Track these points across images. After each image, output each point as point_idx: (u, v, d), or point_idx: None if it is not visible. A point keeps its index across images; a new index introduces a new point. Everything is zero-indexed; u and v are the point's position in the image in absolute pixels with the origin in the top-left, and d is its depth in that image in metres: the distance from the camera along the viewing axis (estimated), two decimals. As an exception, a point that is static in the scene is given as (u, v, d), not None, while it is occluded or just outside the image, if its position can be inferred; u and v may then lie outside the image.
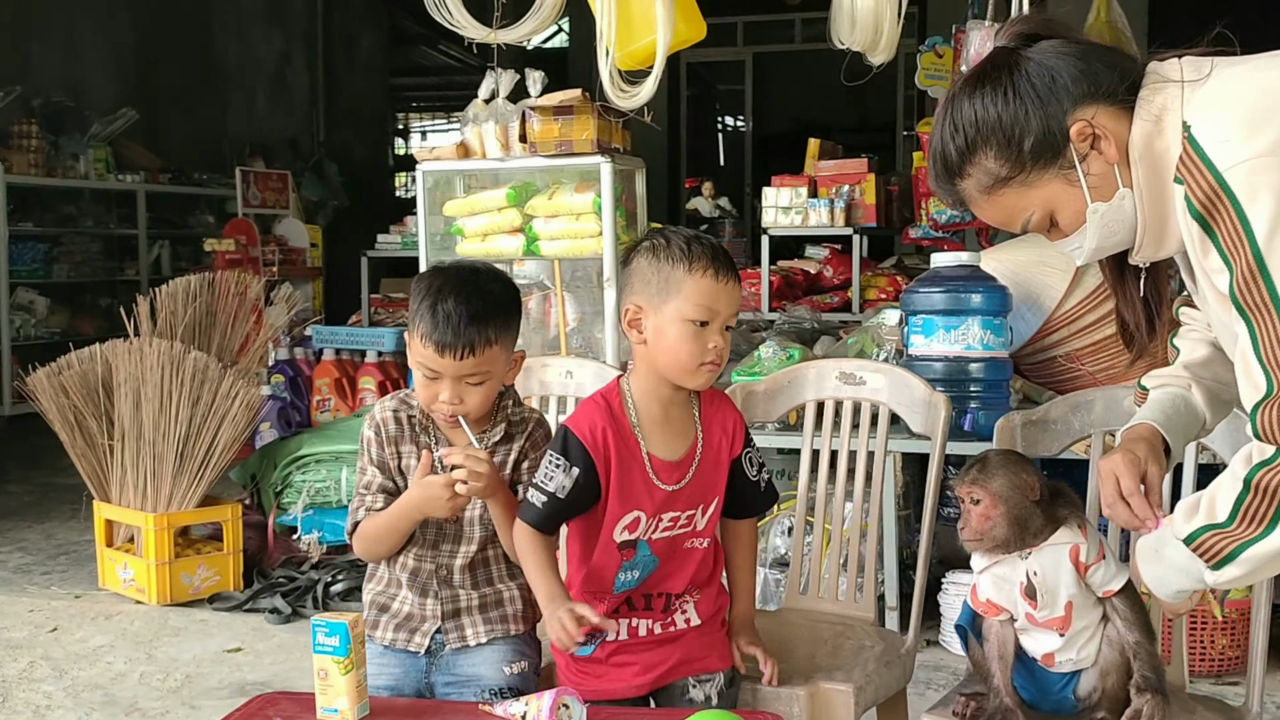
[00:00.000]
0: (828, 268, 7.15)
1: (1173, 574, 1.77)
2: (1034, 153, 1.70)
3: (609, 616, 2.11)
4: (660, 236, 2.15)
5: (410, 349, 2.31)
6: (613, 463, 2.13)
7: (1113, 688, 2.07)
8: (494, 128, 4.35)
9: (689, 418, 2.21)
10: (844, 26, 3.79)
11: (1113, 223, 1.71)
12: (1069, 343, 4.01)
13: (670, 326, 2.09)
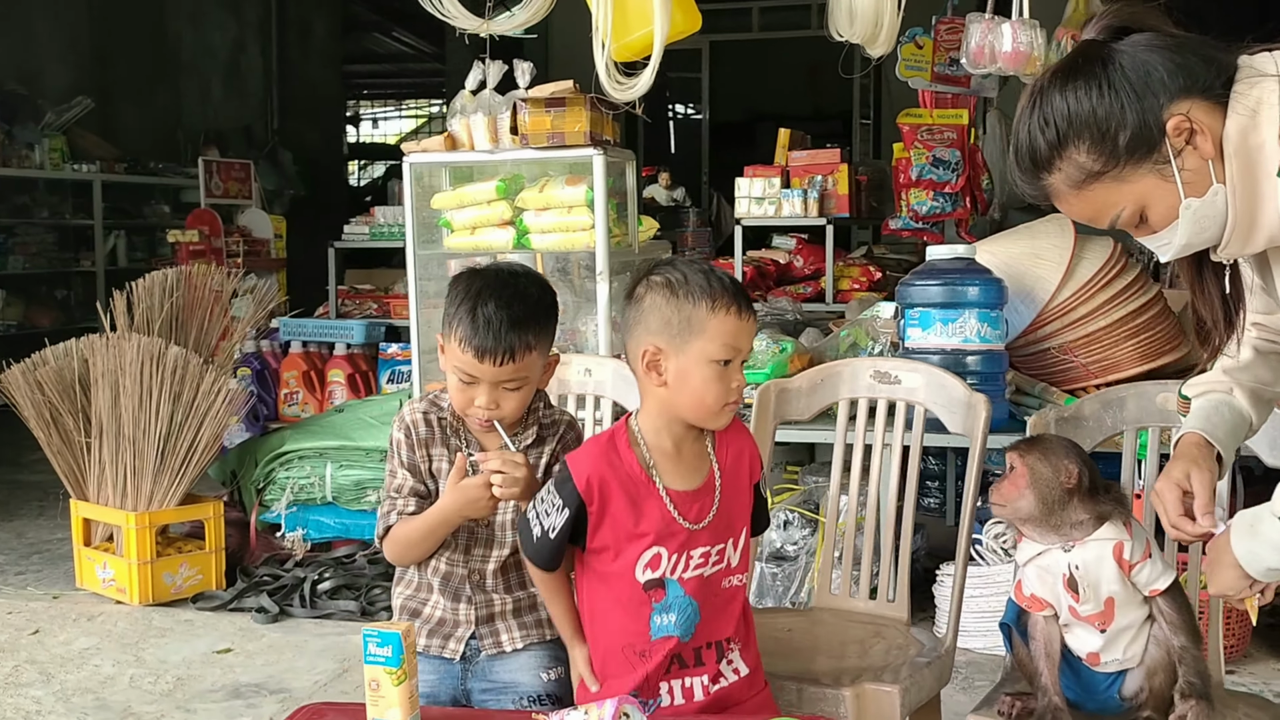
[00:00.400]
0: (797, 257, 7.15)
1: (1268, 550, 1.76)
2: (1129, 147, 1.68)
3: (660, 679, 2.03)
4: (674, 271, 2.02)
5: (445, 353, 2.27)
6: (616, 505, 2.02)
7: (1160, 688, 2.08)
8: (483, 119, 4.30)
9: (702, 451, 2.09)
10: (843, 19, 3.78)
11: (1204, 219, 1.69)
12: (1062, 335, 4.03)
13: (695, 369, 1.98)
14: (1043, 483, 2.05)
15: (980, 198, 5.51)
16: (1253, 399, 1.96)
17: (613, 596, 2.03)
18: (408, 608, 2.37)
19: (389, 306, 7.26)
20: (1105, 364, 4.01)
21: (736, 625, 2.09)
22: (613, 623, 2.04)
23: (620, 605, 2.03)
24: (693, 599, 2.03)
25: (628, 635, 2.02)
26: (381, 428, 4.76)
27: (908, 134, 5.43)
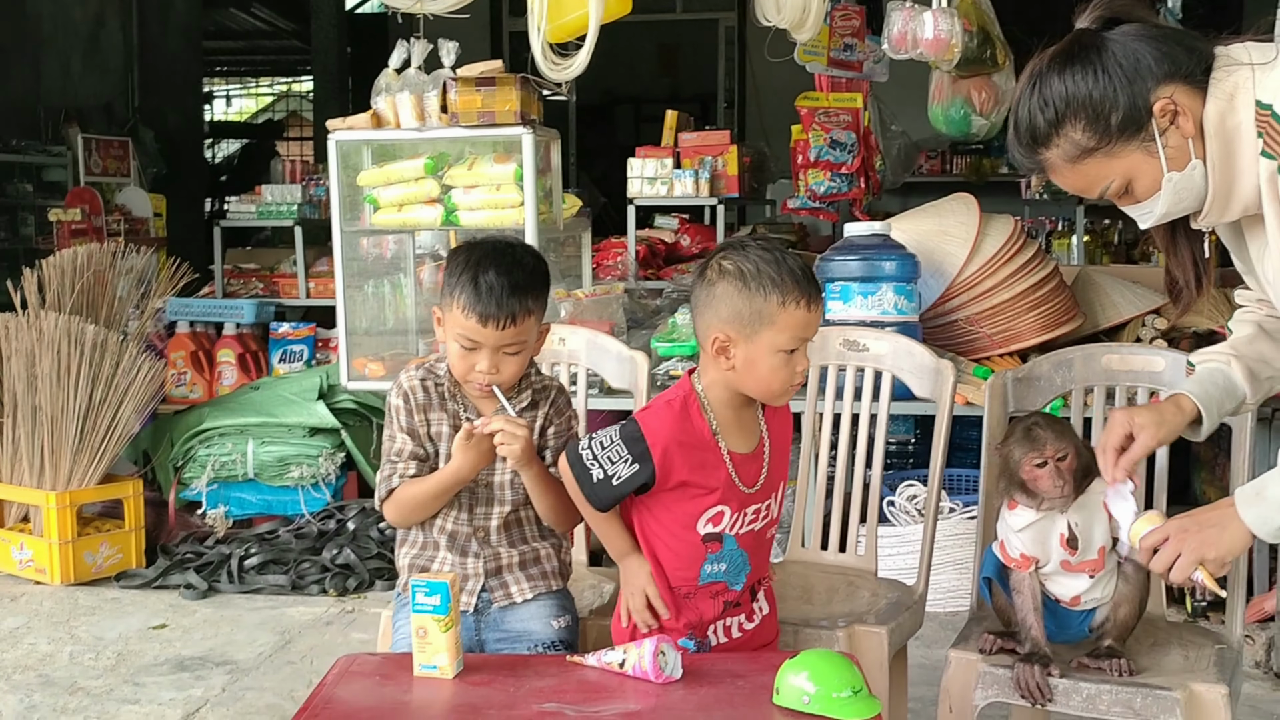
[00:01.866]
0: (684, 236, 7.33)
1: (1274, 512, 1.94)
2: (1120, 126, 1.87)
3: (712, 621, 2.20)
4: (747, 260, 2.09)
5: (445, 323, 2.37)
6: (678, 467, 2.13)
7: (1124, 618, 2.30)
8: (409, 97, 4.35)
9: (755, 417, 2.23)
10: (770, 6, 3.94)
11: (1183, 190, 1.90)
12: (969, 307, 4.27)
13: (763, 358, 2.08)
14: (1084, 454, 2.22)
15: (874, 178, 5.76)
16: (1248, 374, 2.14)
17: (669, 542, 2.18)
18: (416, 565, 2.46)
19: (277, 285, 7.21)
20: (1008, 334, 4.27)
21: (768, 565, 2.30)
22: (664, 564, 2.18)
23: (675, 552, 2.17)
24: (745, 551, 2.21)
25: (676, 578, 2.17)
26: (303, 404, 4.79)
27: (806, 116, 5.64)
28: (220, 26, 13.53)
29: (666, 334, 4.36)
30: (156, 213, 7.89)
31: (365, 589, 4.38)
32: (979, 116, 5.21)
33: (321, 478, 4.75)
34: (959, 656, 2.35)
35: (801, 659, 1.89)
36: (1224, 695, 2.18)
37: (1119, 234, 7.31)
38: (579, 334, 2.96)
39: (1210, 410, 2.12)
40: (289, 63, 15.45)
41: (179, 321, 6.86)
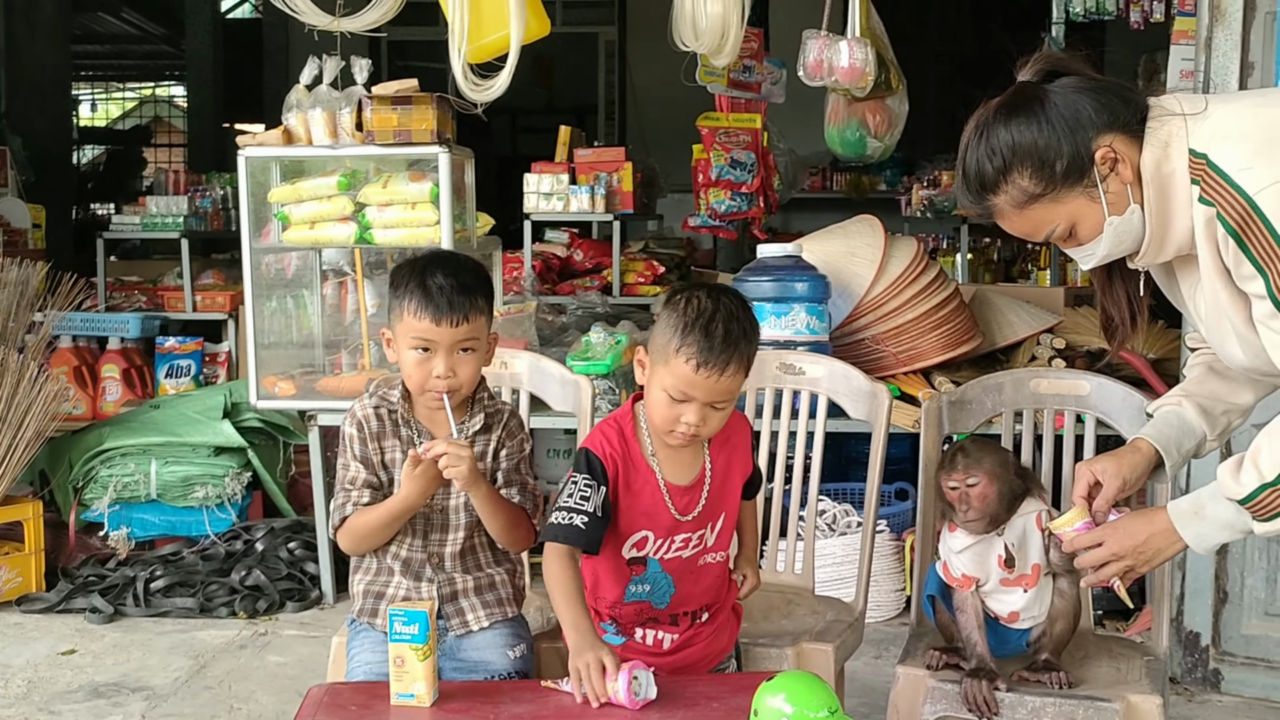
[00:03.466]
0: (577, 251, 7.38)
1: (1215, 529, 2.07)
2: (1065, 174, 1.99)
3: (633, 626, 2.30)
4: (691, 300, 2.17)
5: (397, 334, 2.40)
6: (621, 484, 2.23)
7: (1060, 632, 2.42)
8: (321, 114, 4.31)
9: (698, 447, 2.28)
10: (687, 30, 4.01)
11: (1123, 233, 2.02)
12: (874, 326, 4.39)
13: (654, 389, 2.18)
14: (1002, 480, 2.32)
15: (773, 197, 5.88)
16: (1200, 412, 2.26)
17: (596, 563, 2.28)
18: (372, 591, 2.47)
19: (161, 299, 7.06)
20: (912, 353, 4.40)
21: (715, 594, 2.34)
22: (590, 582, 2.29)
23: (603, 571, 2.28)
24: (669, 575, 2.28)
25: (601, 594, 2.30)
26: (207, 423, 4.71)
27: (707, 136, 5.73)
28: (88, 30, 13.15)
29: (581, 352, 4.39)
30: (35, 223, 7.64)
31: (276, 610, 4.33)
32: (874, 139, 5.36)
33: (227, 498, 4.67)
34: (907, 672, 2.44)
35: (778, 681, 1.95)
36: (1158, 705, 2.31)
37: (998, 252, 7.56)
38: (522, 357, 2.99)
39: (1169, 449, 2.23)
40: (158, 68, 15.08)
41: (61, 336, 6.68)
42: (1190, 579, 3.60)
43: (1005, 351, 4.60)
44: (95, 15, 12.70)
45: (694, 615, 2.33)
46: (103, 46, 14.12)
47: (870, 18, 5.39)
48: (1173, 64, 4.07)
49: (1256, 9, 3.49)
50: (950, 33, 9.79)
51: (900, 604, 4.27)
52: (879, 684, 3.57)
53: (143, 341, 6.82)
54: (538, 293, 6.66)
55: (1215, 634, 3.63)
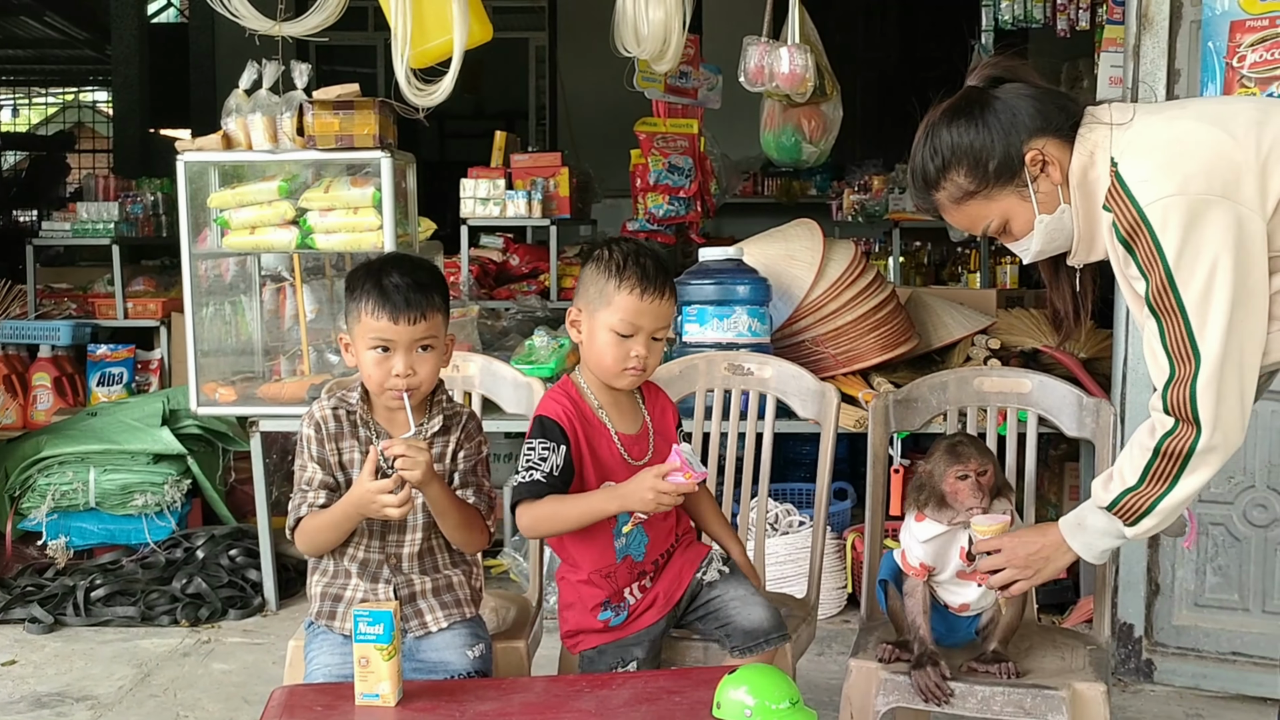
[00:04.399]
0: (513, 256, 7.39)
1: (1096, 537, 2.23)
2: (996, 173, 2.13)
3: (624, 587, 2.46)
4: (607, 247, 2.41)
5: (355, 337, 2.41)
6: (583, 442, 2.41)
7: (1009, 620, 2.49)
8: (261, 119, 4.29)
9: (634, 401, 2.52)
10: (629, 36, 4.04)
11: (1054, 231, 2.16)
12: (814, 329, 4.45)
13: (599, 333, 2.38)
14: (998, 470, 2.44)
15: (710, 201, 5.94)
16: None
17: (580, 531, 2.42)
18: (329, 594, 2.48)
19: (92, 306, 6.96)
20: (851, 354, 4.46)
21: (672, 526, 2.55)
22: (584, 550, 2.45)
23: (589, 538, 2.43)
24: (639, 525, 2.45)
25: (597, 561, 2.43)
26: (146, 430, 4.66)
27: (645, 141, 5.78)
28: (9, 35, 12.92)
29: (525, 356, 4.41)
30: (-43, 230, 7.51)
31: (219, 618, 4.30)
32: (809, 144, 5.43)
33: (166, 505, 4.63)
34: (859, 665, 2.49)
35: (740, 674, 2.00)
36: (1103, 692, 2.38)
37: (929, 255, 7.68)
38: (474, 360, 3.01)
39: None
40: (82, 73, 14.84)
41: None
42: (1124, 572, 3.70)
43: (941, 352, 4.69)
44: (17, 19, 12.47)
45: (668, 553, 2.53)
46: (25, 51, 13.86)
47: (806, 25, 5.47)
48: (1102, 71, 4.19)
49: (1183, 18, 3.59)
50: (879, 41, 9.93)
51: (842, 601, 4.33)
52: (823, 680, 3.64)
53: (74, 349, 6.72)
54: (476, 297, 6.67)
55: (1148, 625, 3.73)
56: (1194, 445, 2.04)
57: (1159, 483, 2.11)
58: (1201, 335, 1.99)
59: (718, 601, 2.52)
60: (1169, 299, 2.01)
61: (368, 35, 10.91)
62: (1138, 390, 3.67)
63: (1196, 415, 2.02)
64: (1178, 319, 2.01)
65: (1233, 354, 1.99)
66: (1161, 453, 2.09)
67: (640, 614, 2.47)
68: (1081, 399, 2.73)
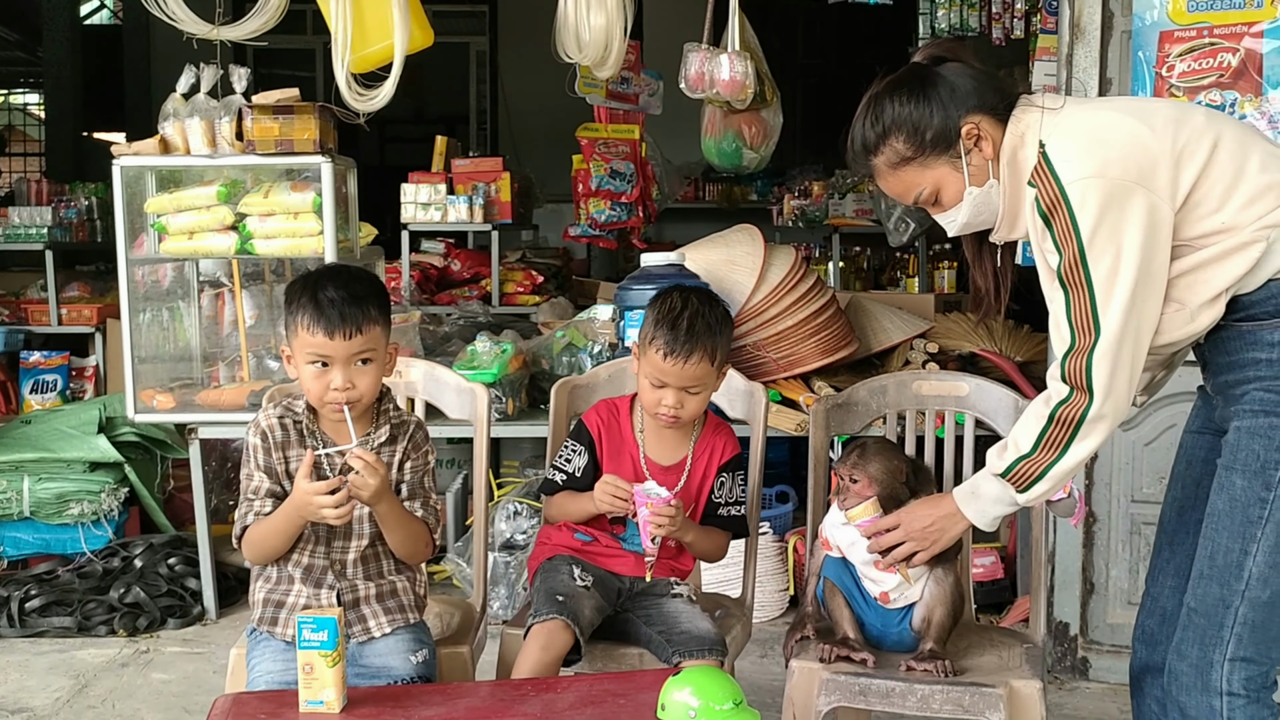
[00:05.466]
0: (454, 261, 7.38)
1: (989, 505, 2.32)
2: (932, 142, 2.22)
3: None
4: (666, 296, 2.61)
5: (294, 350, 2.40)
6: (606, 452, 2.63)
7: (940, 619, 2.53)
8: (199, 123, 4.26)
9: (683, 434, 2.68)
10: (570, 42, 4.06)
11: (981, 204, 2.26)
12: (755, 333, 4.49)
13: (641, 375, 2.61)
14: (884, 486, 2.50)
15: (652, 206, 5.96)
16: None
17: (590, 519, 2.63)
18: (272, 600, 2.46)
19: (25, 312, 6.88)
20: (792, 359, 4.50)
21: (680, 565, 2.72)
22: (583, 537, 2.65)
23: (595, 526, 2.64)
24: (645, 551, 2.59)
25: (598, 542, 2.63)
26: (82, 438, 4.60)
27: (586, 147, 5.78)
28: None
29: (467, 361, 4.40)
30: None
31: (157, 628, 4.25)
32: (750, 150, 5.46)
33: (103, 514, 4.57)
34: (801, 666, 2.52)
35: (684, 676, 2.02)
36: (1038, 689, 2.43)
37: (868, 260, 7.75)
38: (417, 366, 3.01)
39: None
40: (12, 75, 14.60)
41: (-82, 351, 6.47)
42: (1059, 572, 3.76)
43: (880, 356, 4.74)
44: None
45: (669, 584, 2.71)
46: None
47: (746, 32, 5.51)
48: (1036, 79, 4.27)
49: (1114, 28, 3.67)
50: (818, 48, 10.02)
51: (784, 604, 4.37)
52: (765, 682, 3.67)
53: (5, 356, 6.64)
54: (417, 303, 6.66)
55: (1083, 624, 3.80)
56: (1085, 412, 2.15)
57: (1051, 450, 2.21)
58: (1105, 310, 2.10)
59: (670, 608, 2.60)
60: (1079, 274, 2.12)
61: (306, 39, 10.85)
62: (1072, 393, 3.73)
63: (1090, 384, 2.13)
64: (1084, 293, 2.12)
65: (1130, 330, 2.11)
66: (1055, 419, 2.20)
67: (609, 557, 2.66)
68: (1017, 402, 2.77)
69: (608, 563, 2.66)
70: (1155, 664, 2.36)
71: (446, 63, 12.09)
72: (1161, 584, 2.41)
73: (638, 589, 2.65)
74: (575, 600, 2.51)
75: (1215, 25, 3.54)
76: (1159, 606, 2.40)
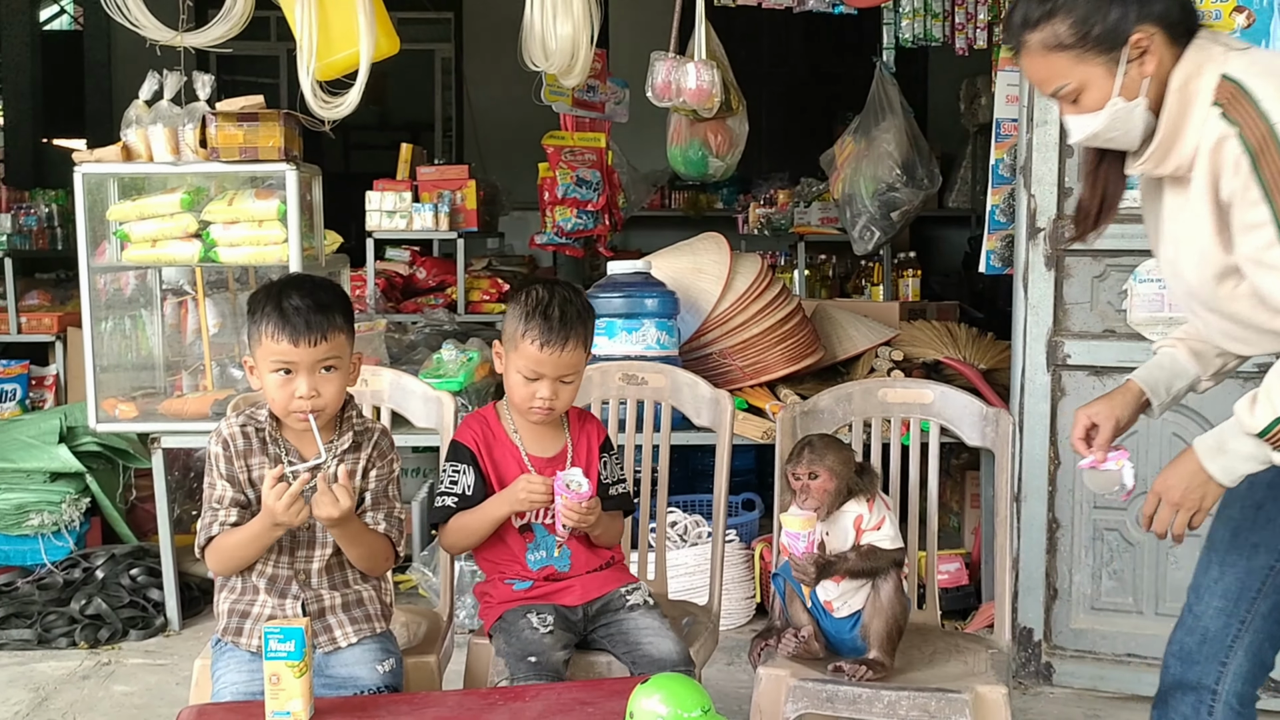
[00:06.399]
0: (420, 269, 7.35)
1: (1239, 461, 2.15)
2: (1097, 39, 2.10)
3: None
4: (525, 291, 2.56)
5: (258, 360, 2.39)
6: (489, 462, 2.57)
7: (878, 629, 2.54)
8: (163, 130, 4.23)
9: (555, 426, 2.66)
10: (536, 50, 4.05)
11: (1120, 120, 2.14)
12: (722, 341, 4.51)
13: (511, 372, 2.56)
14: (842, 476, 2.51)
15: (618, 215, 5.96)
16: (1193, 355, 2.38)
17: (499, 541, 2.60)
18: (237, 610, 2.45)
19: (-26, 322, 6.80)
20: (758, 366, 4.52)
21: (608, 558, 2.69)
22: (499, 560, 2.61)
23: (503, 545, 2.60)
24: (556, 537, 2.59)
25: (512, 571, 2.57)
26: (42, 447, 4.55)
27: (552, 155, 5.79)
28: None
29: (433, 370, 4.40)
30: None
31: (119, 639, 4.21)
32: (716, 158, 5.48)
33: (64, 525, 4.53)
34: (768, 673, 2.52)
35: (653, 683, 2.01)
36: (1003, 695, 2.44)
37: (833, 269, 7.78)
38: (383, 374, 3.00)
39: (1157, 390, 2.36)
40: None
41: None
42: (1023, 578, 3.78)
43: (846, 364, 4.77)
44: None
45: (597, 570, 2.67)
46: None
47: (712, 41, 5.53)
48: (999, 89, 4.30)
49: (1075, 38, 3.69)
50: (783, 57, 10.05)
51: (751, 611, 4.37)
52: (732, 689, 3.67)
53: (-34, 367, 6.57)
54: (382, 311, 6.63)
55: (1047, 629, 3.82)
56: None
57: None
58: None
59: (630, 624, 2.58)
60: None
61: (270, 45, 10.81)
62: (1035, 400, 3.76)
63: None
64: None
65: None
66: None
67: (555, 593, 2.60)
68: (982, 409, 2.80)
69: (557, 598, 2.59)
70: (1190, 682, 2.29)
71: (412, 70, 12.05)
72: (1207, 603, 2.32)
73: (593, 610, 2.62)
74: (546, 654, 2.46)
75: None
76: (1201, 626, 2.31)
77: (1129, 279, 3.64)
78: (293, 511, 2.27)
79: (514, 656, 2.46)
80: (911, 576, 2.84)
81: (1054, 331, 3.75)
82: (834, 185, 6.31)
